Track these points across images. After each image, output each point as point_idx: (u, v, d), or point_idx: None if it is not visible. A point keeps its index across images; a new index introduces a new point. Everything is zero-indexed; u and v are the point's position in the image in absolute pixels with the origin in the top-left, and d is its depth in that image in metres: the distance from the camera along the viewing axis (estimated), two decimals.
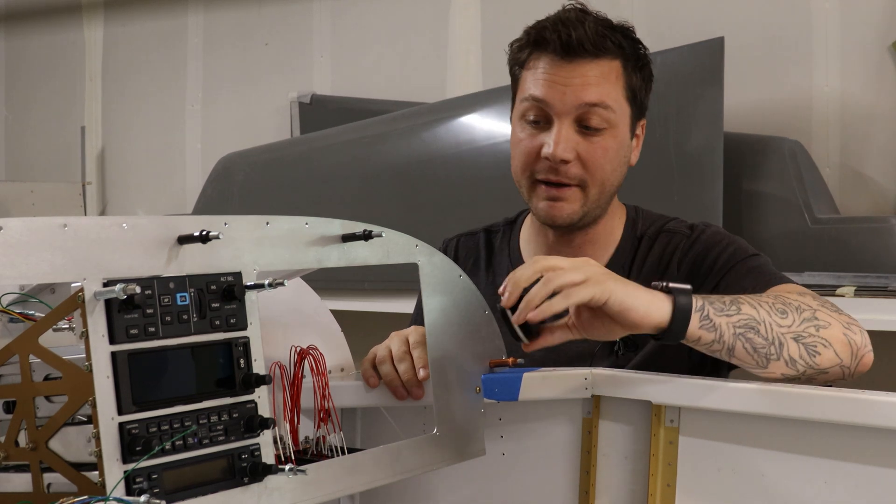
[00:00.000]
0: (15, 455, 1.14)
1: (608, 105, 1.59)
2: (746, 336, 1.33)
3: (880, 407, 1.24)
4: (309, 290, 1.56)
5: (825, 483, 1.30)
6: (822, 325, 1.36)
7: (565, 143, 1.58)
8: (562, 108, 1.59)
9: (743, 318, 1.33)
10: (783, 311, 1.36)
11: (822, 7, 3.45)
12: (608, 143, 1.61)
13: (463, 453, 1.46)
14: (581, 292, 1.29)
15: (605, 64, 1.60)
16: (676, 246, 1.66)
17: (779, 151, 3.17)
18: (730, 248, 1.63)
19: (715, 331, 1.32)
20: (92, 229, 1.08)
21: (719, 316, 1.32)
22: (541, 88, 1.60)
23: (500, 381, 1.48)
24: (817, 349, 1.35)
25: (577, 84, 1.58)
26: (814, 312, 1.38)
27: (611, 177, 1.63)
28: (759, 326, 1.33)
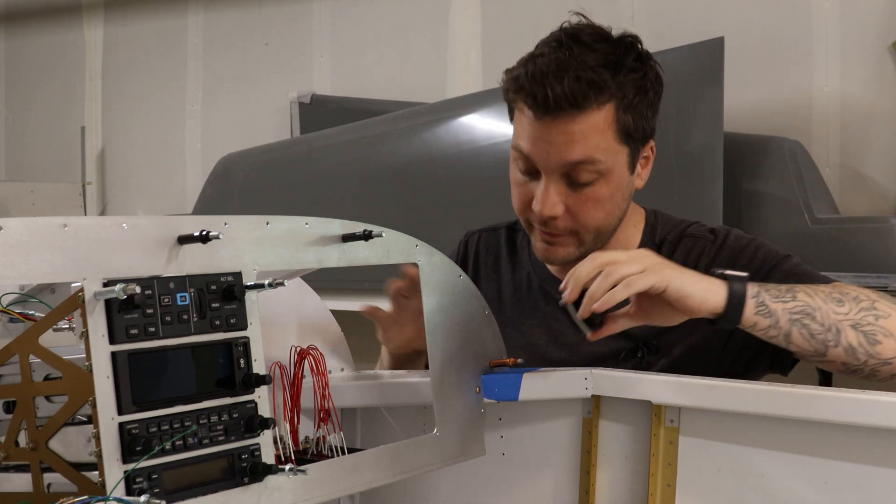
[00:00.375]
0: (15, 455, 1.14)
1: (595, 160, 1.51)
2: (803, 322, 1.34)
3: (880, 407, 1.24)
4: (309, 290, 1.56)
5: (825, 483, 1.30)
6: (881, 315, 1.36)
7: (552, 200, 1.53)
8: (546, 166, 1.52)
9: (799, 304, 1.34)
10: (840, 300, 1.36)
11: (822, 7, 3.45)
12: (600, 192, 1.55)
13: (463, 453, 1.46)
14: (641, 281, 1.32)
15: (592, 115, 1.50)
16: (701, 251, 1.62)
17: (779, 151, 3.16)
18: (761, 252, 1.60)
19: (770, 316, 1.34)
20: (92, 229, 1.08)
21: (775, 302, 1.34)
22: (526, 143, 1.53)
23: (500, 381, 1.48)
24: (877, 337, 1.35)
25: (560, 142, 1.50)
26: (872, 303, 1.37)
27: (607, 220, 1.58)
28: (815, 313, 1.34)
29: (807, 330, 1.35)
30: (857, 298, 1.38)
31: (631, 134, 1.55)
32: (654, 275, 1.33)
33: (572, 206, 1.55)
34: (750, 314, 1.35)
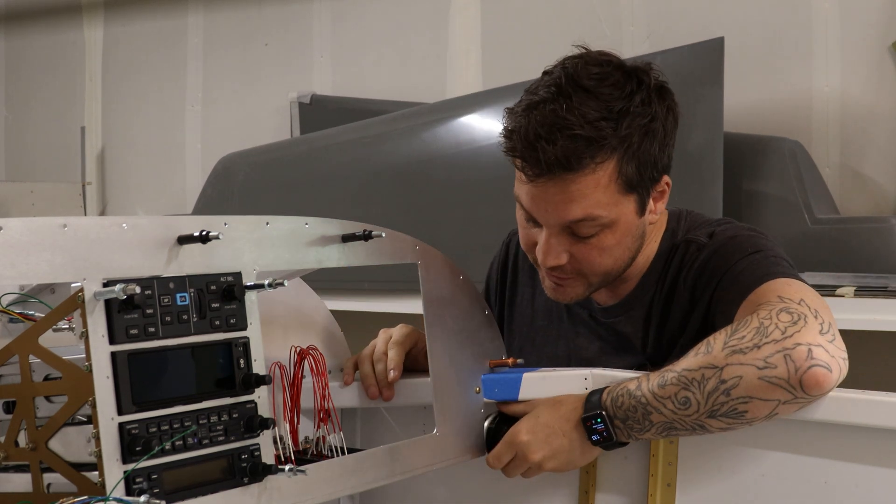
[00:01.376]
0: (15, 455, 1.14)
1: (596, 216, 1.44)
2: (671, 435, 1.38)
3: (880, 407, 1.24)
4: (309, 290, 1.56)
5: (825, 483, 1.30)
6: (731, 387, 1.28)
7: (555, 252, 1.47)
8: (546, 222, 1.46)
9: (658, 426, 1.35)
10: (685, 400, 1.31)
11: (822, 7, 3.45)
12: (605, 242, 1.48)
13: (462, 453, 1.46)
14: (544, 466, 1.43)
15: (590, 174, 1.41)
16: (690, 257, 1.55)
17: (779, 151, 3.16)
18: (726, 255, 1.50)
19: (642, 435, 1.38)
20: (92, 229, 1.08)
21: (642, 435, 1.37)
22: (524, 199, 1.47)
23: (500, 381, 1.48)
24: (738, 409, 1.29)
25: (558, 202, 1.43)
26: (720, 374, 1.29)
27: (615, 265, 1.51)
28: (674, 425, 1.34)
29: (677, 434, 1.37)
30: (702, 381, 1.30)
31: (635, 183, 1.46)
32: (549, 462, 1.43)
33: (577, 254, 1.48)
34: (624, 439, 1.39)
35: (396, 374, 1.49)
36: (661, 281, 1.57)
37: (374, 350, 1.53)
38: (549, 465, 1.42)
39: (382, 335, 1.55)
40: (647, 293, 1.58)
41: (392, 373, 1.48)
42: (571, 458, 1.42)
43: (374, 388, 1.49)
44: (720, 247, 1.51)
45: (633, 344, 1.58)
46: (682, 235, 1.58)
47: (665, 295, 1.56)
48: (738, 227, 1.56)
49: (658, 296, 1.57)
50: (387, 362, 1.50)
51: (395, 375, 1.48)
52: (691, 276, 1.52)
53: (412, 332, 1.55)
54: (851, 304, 2.68)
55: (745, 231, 1.55)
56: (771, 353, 1.27)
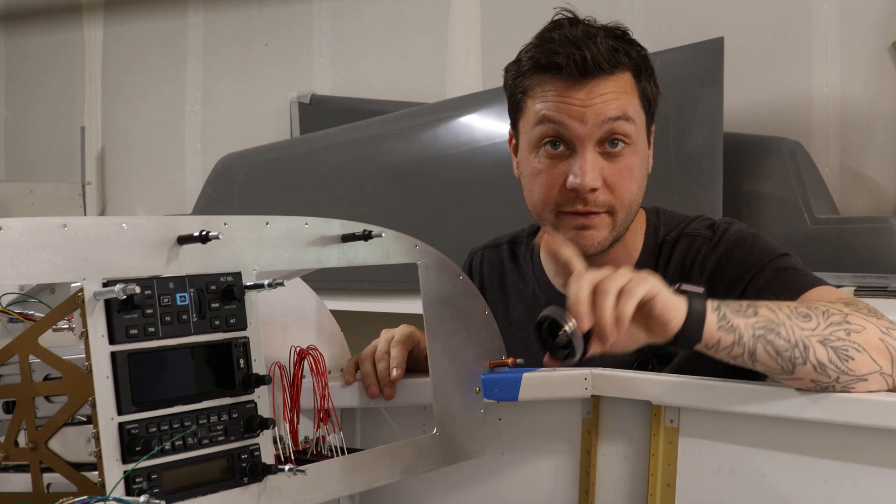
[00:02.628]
0: (15, 455, 1.14)
1: (629, 116, 1.53)
2: (767, 338, 1.25)
3: (880, 407, 1.24)
4: (309, 290, 1.56)
5: (825, 483, 1.30)
6: (853, 330, 1.28)
7: (592, 170, 1.51)
8: (584, 132, 1.51)
9: (761, 319, 1.26)
10: (806, 315, 1.28)
11: (822, 7, 3.45)
12: (632, 162, 1.55)
13: (463, 453, 1.46)
14: (637, 288, 1.23)
15: (618, 78, 1.53)
16: (698, 250, 1.59)
17: (779, 151, 3.16)
18: (755, 250, 1.55)
19: (734, 331, 1.25)
20: (92, 229, 1.08)
21: (737, 317, 1.26)
22: (559, 114, 1.52)
23: (500, 381, 1.48)
24: (849, 353, 1.26)
25: (598, 103, 1.51)
26: (844, 316, 1.30)
27: (636, 195, 1.57)
28: (779, 328, 1.26)
29: (772, 346, 1.26)
30: (826, 313, 1.29)
31: (649, 101, 1.59)
32: (644, 282, 1.23)
33: (609, 177, 1.53)
34: (712, 329, 1.25)
35: (399, 373, 1.48)
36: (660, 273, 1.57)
37: (375, 350, 1.52)
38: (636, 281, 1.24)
39: (384, 335, 1.55)
40: None
41: (395, 371, 1.48)
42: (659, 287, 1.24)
43: (375, 387, 1.49)
44: (739, 241, 1.57)
45: None
46: (671, 230, 1.64)
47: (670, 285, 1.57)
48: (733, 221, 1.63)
49: None
50: (389, 361, 1.49)
51: (397, 374, 1.48)
52: (709, 267, 1.57)
53: (414, 333, 1.55)
54: None
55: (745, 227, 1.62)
56: (888, 327, 1.32)
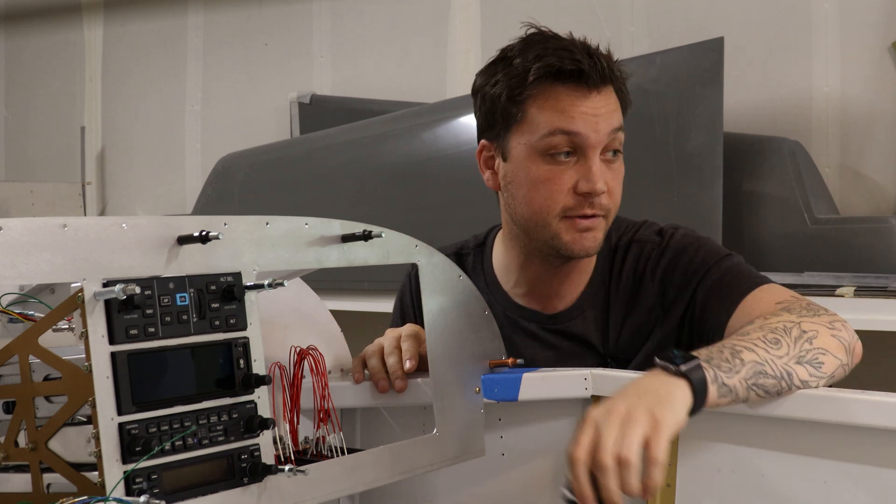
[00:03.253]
0: (15, 455, 1.14)
1: (623, 127, 1.59)
2: (758, 383, 1.28)
3: (880, 407, 1.24)
4: (309, 291, 1.56)
5: (825, 483, 1.30)
6: (811, 337, 1.35)
7: (602, 175, 1.55)
8: (596, 139, 1.54)
9: (749, 367, 1.28)
10: (776, 340, 1.32)
11: (822, 7, 3.45)
12: (621, 168, 1.60)
13: (463, 453, 1.46)
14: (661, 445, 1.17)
15: (611, 89, 1.58)
16: (648, 256, 1.62)
17: (778, 151, 3.16)
18: (700, 253, 1.59)
19: (730, 393, 1.27)
20: (92, 229, 1.08)
21: (730, 376, 1.27)
22: (571, 122, 1.53)
23: (499, 382, 1.48)
24: (819, 360, 1.33)
25: (604, 113, 1.55)
26: (799, 326, 1.36)
27: (618, 203, 1.62)
28: (764, 368, 1.29)
29: (762, 389, 1.29)
30: (786, 328, 1.34)
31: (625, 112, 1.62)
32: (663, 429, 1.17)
33: (609, 182, 1.57)
34: (713, 399, 1.25)
35: (413, 364, 1.49)
36: (614, 279, 1.64)
37: (381, 347, 1.53)
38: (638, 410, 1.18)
39: (390, 333, 1.55)
40: (598, 293, 1.64)
41: (409, 363, 1.49)
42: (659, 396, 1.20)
43: (385, 382, 1.49)
44: (685, 246, 1.61)
45: (591, 343, 1.63)
46: (622, 235, 1.66)
47: (625, 292, 1.62)
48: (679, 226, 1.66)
49: (614, 294, 1.63)
50: (401, 354, 1.50)
51: (411, 365, 1.49)
52: (658, 273, 1.60)
53: (420, 332, 1.55)
54: (851, 303, 2.68)
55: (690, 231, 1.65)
56: (831, 321, 1.39)
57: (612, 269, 1.65)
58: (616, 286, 1.63)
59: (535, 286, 1.66)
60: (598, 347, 1.62)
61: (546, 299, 1.66)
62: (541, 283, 1.65)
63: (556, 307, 1.66)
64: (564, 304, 1.65)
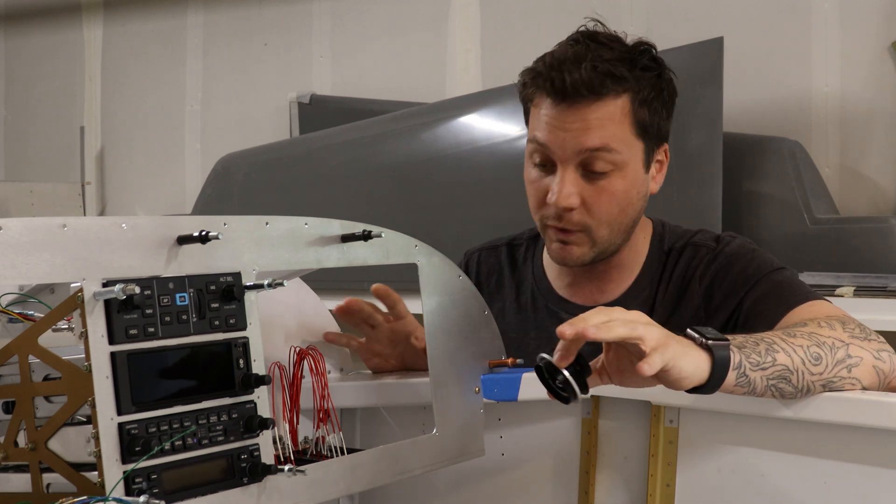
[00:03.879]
0: (14, 455, 1.13)
1: (612, 148, 1.52)
2: (778, 386, 1.27)
3: (880, 407, 1.24)
4: (309, 291, 1.56)
5: (825, 483, 1.30)
6: (853, 365, 1.31)
7: (568, 190, 1.52)
8: (563, 155, 1.52)
9: (777, 369, 1.26)
10: (817, 357, 1.29)
11: (822, 7, 3.45)
12: (615, 186, 1.54)
13: (462, 453, 1.46)
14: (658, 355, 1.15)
15: (608, 104, 1.51)
16: (700, 260, 1.61)
17: (778, 151, 3.17)
18: (753, 263, 1.57)
19: (748, 385, 1.25)
20: (91, 229, 1.08)
21: (755, 371, 1.25)
22: (542, 132, 1.53)
23: (499, 381, 1.48)
24: (844, 388, 1.30)
25: (577, 129, 1.51)
26: (847, 349, 1.31)
27: (620, 217, 1.57)
28: (791, 377, 1.27)
29: (778, 392, 1.27)
30: (833, 347, 1.30)
31: (647, 129, 1.56)
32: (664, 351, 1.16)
33: (587, 198, 1.54)
34: (730, 385, 1.23)
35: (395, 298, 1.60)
36: (664, 280, 1.63)
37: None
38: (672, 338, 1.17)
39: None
40: (642, 292, 1.63)
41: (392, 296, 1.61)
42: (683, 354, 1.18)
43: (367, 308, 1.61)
44: (739, 254, 1.59)
45: None
46: (677, 240, 1.65)
47: (673, 293, 1.61)
48: (737, 236, 1.65)
49: (662, 294, 1.62)
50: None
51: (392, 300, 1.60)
52: (707, 278, 1.59)
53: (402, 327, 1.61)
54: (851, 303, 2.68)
55: (747, 241, 1.64)
56: (879, 349, 1.35)
57: (663, 270, 1.64)
58: (665, 287, 1.62)
59: (575, 278, 1.67)
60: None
61: (588, 292, 1.66)
62: (580, 276, 1.66)
63: (599, 301, 1.64)
64: (607, 299, 1.65)
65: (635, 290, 1.64)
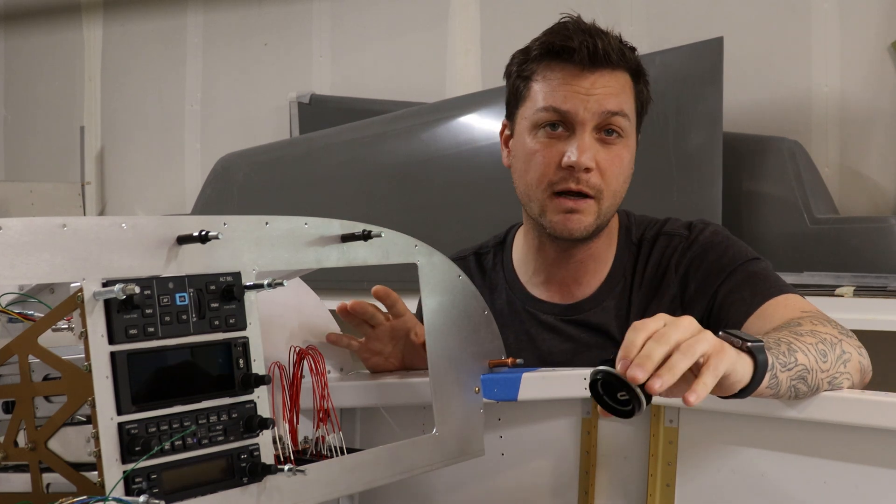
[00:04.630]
0: (14, 455, 1.13)
1: (626, 114, 1.59)
2: (796, 387, 1.26)
3: (880, 407, 1.24)
4: (309, 291, 1.56)
5: (825, 483, 1.30)
6: (847, 360, 1.34)
7: (589, 150, 1.56)
8: (585, 117, 1.57)
9: (798, 369, 1.26)
10: (824, 353, 1.30)
11: (822, 7, 3.45)
12: (622, 153, 1.60)
13: (462, 453, 1.46)
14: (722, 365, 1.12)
15: (621, 75, 1.60)
16: (675, 249, 1.63)
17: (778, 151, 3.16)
18: (728, 253, 1.59)
19: (777, 387, 1.23)
20: (91, 229, 1.08)
21: (783, 371, 1.23)
22: (562, 98, 1.58)
23: (499, 381, 1.48)
24: (842, 384, 1.32)
25: (601, 93, 1.57)
26: (841, 345, 1.34)
27: (621, 188, 1.62)
28: (808, 376, 1.27)
29: (795, 392, 1.27)
30: (832, 343, 1.32)
31: (642, 105, 1.65)
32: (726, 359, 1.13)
33: (601, 162, 1.58)
34: (762, 389, 1.20)
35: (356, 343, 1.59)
36: (638, 271, 1.66)
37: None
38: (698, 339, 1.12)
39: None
40: (617, 284, 1.66)
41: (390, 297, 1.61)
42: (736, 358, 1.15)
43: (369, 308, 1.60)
44: (714, 243, 1.62)
45: (610, 333, 1.64)
46: (646, 229, 1.68)
47: (647, 284, 1.63)
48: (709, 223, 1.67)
49: (637, 285, 1.64)
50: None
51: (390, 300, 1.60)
52: (682, 267, 1.62)
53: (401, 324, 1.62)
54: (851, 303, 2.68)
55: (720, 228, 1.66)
56: (858, 346, 1.38)
57: (636, 261, 1.66)
58: (640, 278, 1.65)
59: (551, 272, 1.68)
60: (618, 338, 1.61)
61: (564, 287, 1.68)
62: (556, 269, 1.67)
63: (575, 296, 1.67)
64: (583, 293, 1.67)
65: (610, 283, 1.66)
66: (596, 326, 1.64)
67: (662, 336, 1.10)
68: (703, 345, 1.11)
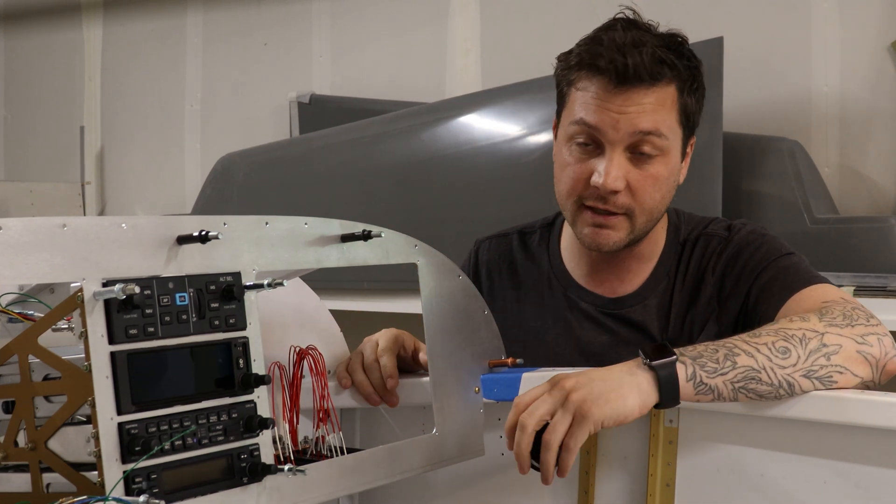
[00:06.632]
0: (14, 455, 1.14)
1: (662, 133, 1.54)
2: (748, 387, 1.28)
3: (880, 407, 1.24)
4: (309, 291, 1.56)
5: (825, 483, 1.30)
6: (832, 352, 1.31)
7: (616, 172, 1.52)
8: (614, 137, 1.53)
9: (740, 371, 1.28)
10: (785, 349, 1.30)
11: (822, 7, 3.45)
12: (659, 171, 1.55)
13: (462, 453, 1.46)
14: (579, 436, 1.26)
15: (660, 90, 1.54)
16: (714, 250, 1.62)
17: (778, 151, 3.16)
18: (761, 250, 1.58)
19: (712, 392, 1.29)
20: (91, 229, 1.08)
21: (713, 377, 1.28)
22: (593, 114, 1.53)
23: (499, 381, 1.48)
24: (833, 378, 1.30)
25: (632, 112, 1.52)
26: (821, 338, 1.32)
27: (659, 203, 1.58)
28: (759, 375, 1.28)
29: (754, 393, 1.28)
30: (803, 339, 1.31)
31: (688, 118, 1.59)
32: (584, 423, 1.25)
33: (633, 182, 1.54)
34: (689, 395, 1.28)
35: (394, 382, 1.49)
36: (680, 272, 1.65)
37: (363, 359, 1.52)
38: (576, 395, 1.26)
39: (368, 343, 1.54)
40: (660, 283, 1.65)
41: (389, 381, 1.49)
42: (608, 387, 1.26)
43: (375, 397, 1.49)
44: (748, 242, 1.61)
45: (649, 331, 1.63)
46: (692, 230, 1.67)
47: (688, 284, 1.62)
48: (748, 223, 1.66)
49: (679, 285, 1.63)
50: (380, 370, 1.49)
51: (393, 383, 1.49)
52: (719, 268, 1.61)
53: (398, 336, 1.55)
54: None
55: (759, 228, 1.65)
56: (865, 333, 1.35)
57: (679, 261, 1.65)
58: (682, 278, 1.64)
59: (595, 267, 1.67)
60: (657, 337, 1.62)
61: (607, 283, 1.67)
62: (600, 265, 1.67)
63: (617, 292, 1.66)
64: (626, 290, 1.66)
65: (653, 282, 1.65)
66: (636, 323, 1.64)
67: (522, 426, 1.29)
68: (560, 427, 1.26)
